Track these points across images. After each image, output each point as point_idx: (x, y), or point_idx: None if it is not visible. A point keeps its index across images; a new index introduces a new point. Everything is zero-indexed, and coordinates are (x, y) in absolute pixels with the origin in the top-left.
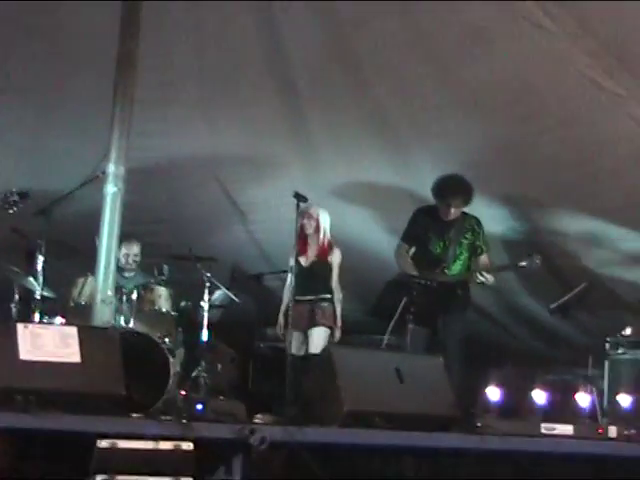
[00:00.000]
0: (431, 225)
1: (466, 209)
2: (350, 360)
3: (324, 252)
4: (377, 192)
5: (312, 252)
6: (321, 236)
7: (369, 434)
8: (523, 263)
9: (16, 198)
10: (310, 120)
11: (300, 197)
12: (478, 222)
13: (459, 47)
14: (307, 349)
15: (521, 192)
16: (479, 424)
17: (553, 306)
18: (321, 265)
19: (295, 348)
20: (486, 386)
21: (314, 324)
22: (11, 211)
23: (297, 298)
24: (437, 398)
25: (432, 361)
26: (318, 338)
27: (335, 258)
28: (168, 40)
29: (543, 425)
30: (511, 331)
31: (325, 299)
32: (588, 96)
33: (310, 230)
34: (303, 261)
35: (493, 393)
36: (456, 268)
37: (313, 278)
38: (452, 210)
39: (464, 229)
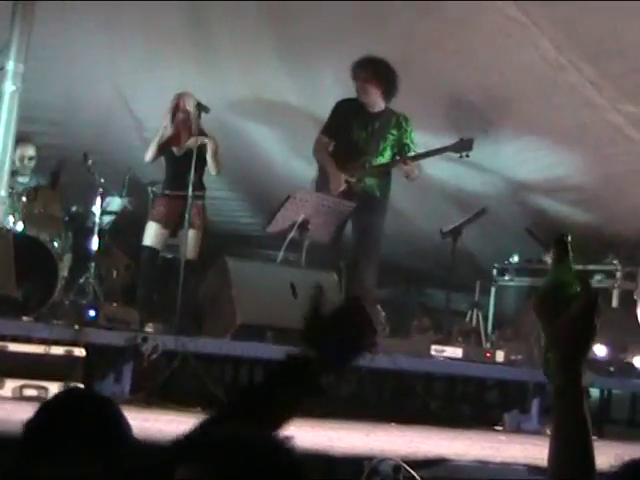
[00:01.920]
0: (354, 115)
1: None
2: (246, 272)
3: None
4: (278, 108)
5: (185, 141)
6: (192, 122)
7: (259, 347)
8: (453, 144)
9: None
10: (211, 26)
11: (202, 107)
12: (406, 119)
13: None
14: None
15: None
16: None
17: (446, 230)
18: (195, 155)
19: (155, 242)
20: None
21: (190, 225)
22: None
23: (168, 193)
24: None
25: (327, 277)
26: (195, 243)
27: (209, 147)
28: None
29: (433, 347)
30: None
31: (199, 196)
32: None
33: (180, 123)
34: (176, 151)
35: (382, 311)
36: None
37: (187, 170)
38: (360, 85)
39: (390, 124)
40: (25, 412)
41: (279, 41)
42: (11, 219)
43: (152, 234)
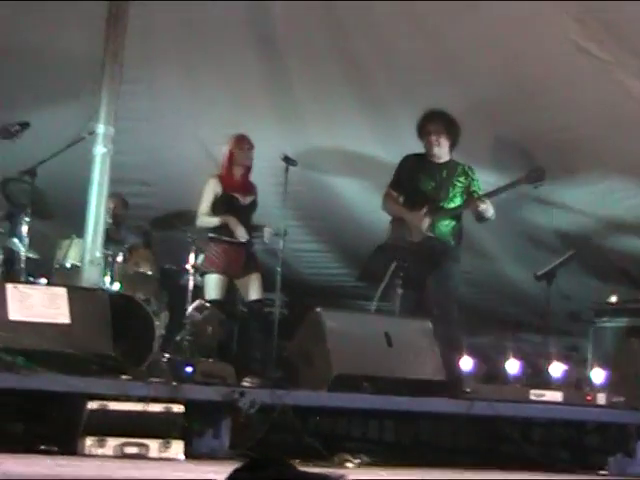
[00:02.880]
0: (421, 168)
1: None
2: (339, 323)
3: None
4: (361, 160)
5: (245, 190)
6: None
7: (356, 398)
8: (523, 177)
9: (17, 128)
10: (294, 84)
11: (289, 160)
12: (471, 168)
13: (444, 11)
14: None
15: (505, 156)
16: (468, 389)
17: (540, 273)
18: (255, 204)
19: (219, 294)
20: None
21: (254, 269)
22: (13, 140)
23: (229, 239)
24: (425, 363)
25: (421, 325)
26: (260, 284)
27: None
28: (155, 4)
29: (532, 391)
30: (493, 296)
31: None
32: (575, 62)
33: (250, 161)
34: (241, 198)
35: (477, 357)
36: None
37: (249, 218)
38: (434, 139)
39: (456, 171)
40: (127, 470)
41: (359, 94)
42: (107, 279)
43: (215, 285)
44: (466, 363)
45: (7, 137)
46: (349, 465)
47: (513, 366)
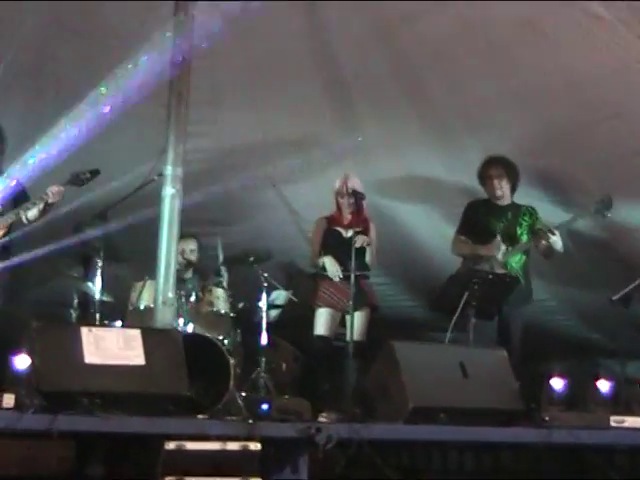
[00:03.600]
0: (486, 211)
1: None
2: (414, 355)
3: (366, 223)
4: (429, 186)
5: (351, 223)
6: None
7: (434, 430)
8: (591, 208)
9: (88, 175)
10: (360, 116)
11: (357, 194)
12: (534, 209)
13: (509, 37)
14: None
15: (576, 183)
16: (546, 417)
17: (615, 297)
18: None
19: (328, 330)
20: (549, 378)
21: (363, 305)
22: (82, 186)
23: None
24: (502, 392)
25: (496, 354)
26: (366, 322)
27: (373, 232)
28: (218, 41)
29: (612, 418)
30: (570, 322)
31: (367, 276)
32: None
33: (346, 199)
34: (343, 232)
35: (557, 384)
36: (517, 254)
37: (357, 251)
38: (496, 182)
39: (520, 212)
40: None
41: (425, 122)
42: (180, 320)
43: (324, 321)
44: (545, 391)
45: (78, 184)
46: None
47: (594, 392)
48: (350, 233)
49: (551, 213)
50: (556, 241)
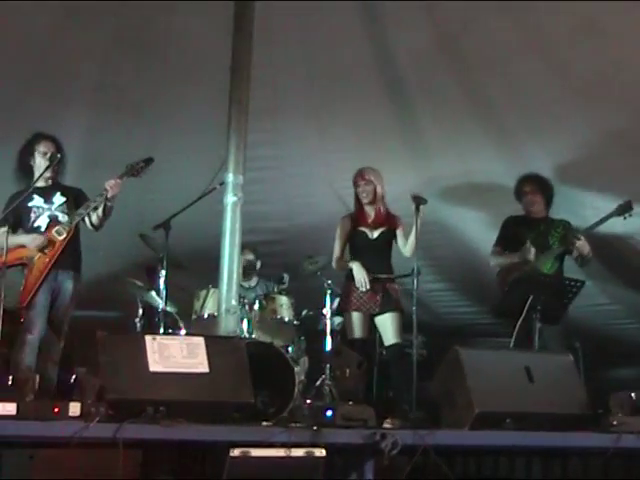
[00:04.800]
0: (521, 223)
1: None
2: (478, 361)
3: (393, 220)
4: (491, 192)
5: (375, 223)
6: (381, 203)
7: (500, 435)
8: (613, 210)
9: (142, 164)
10: (421, 122)
11: (419, 199)
12: (568, 222)
13: (570, 39)
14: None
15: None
16: (614, 422)
17: None
18: (390, 237)
19: (363, 332)
20: (617, 382)
21: (394, 309)
22: (139, 177)
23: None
24: (569, 397)
25: (562, 359)
26: (396, 328)
27: (402, 226)
28: (277, 50)
29: None
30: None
31: (393, 278)
32: None
33: (367, 198)
34: (369, 233)
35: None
36: (549, 260)
37: (383, 253)
38: (530, 197)
39: (554, 224)
40: None
41: (487, 127)
42: (244, 327)
43: (359, 324)
44: (613, 395)
45: (133, 174)
46: None
47: None
48: (376, 234)
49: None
50: (583, 245)
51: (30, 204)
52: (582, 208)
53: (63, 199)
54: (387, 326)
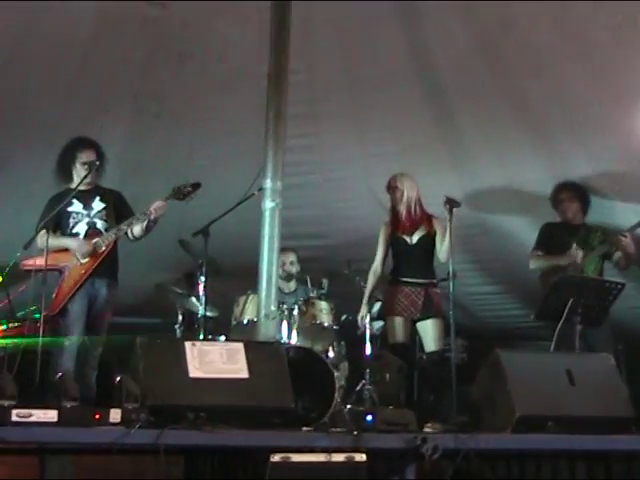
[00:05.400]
0: (560, 229)
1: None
2: (519, 364)
3: (428, 221)
4: (532, 198)
5: (412, 227)
6: (412, 207)
7: (542, 439)
8: None
9: (189, 189)
10: (461, 126)
11: (453, 202)
12: (605, 228)
13: (610, 41)
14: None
15: None
16: None
17: None
18: (429, 242)
19: (404, 337)
20: None
21: (435, 314)
22: (186, 202)
23: (406, 280)
24: (611, 399)
25: (603, 361)
26: (438, 335)
27: (440, 227)
28: (315, 55)
29: None
30: None
31: (434, 283)
32: None
33: (396, 203)
34: (408, 239)
35: None
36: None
37: (424, 258)
38: (566, 205)
39: (592, 229)
40: None
41: (529, 132)
42: (284, 333)
43: (401, 328)
44: None
45: (180, 198)
46: None
47: None
48: (415, 239)
49: None
50: (628, 243)
51: (69, 209)
52: (618, 216)
53: (102, 205)
54: (428, 332)
